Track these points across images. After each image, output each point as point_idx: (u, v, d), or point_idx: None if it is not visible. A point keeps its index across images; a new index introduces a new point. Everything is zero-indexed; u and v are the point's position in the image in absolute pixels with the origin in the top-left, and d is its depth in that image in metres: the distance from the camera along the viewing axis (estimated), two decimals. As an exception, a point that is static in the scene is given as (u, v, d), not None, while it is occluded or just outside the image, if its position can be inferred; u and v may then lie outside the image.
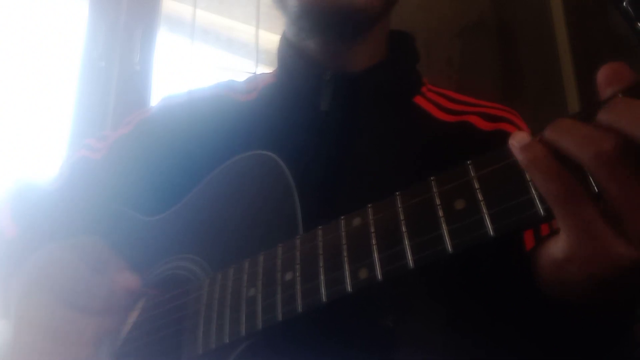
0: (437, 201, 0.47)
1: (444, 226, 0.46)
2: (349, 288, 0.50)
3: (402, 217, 0.49)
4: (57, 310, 0.61)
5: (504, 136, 0.77)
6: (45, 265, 0.65)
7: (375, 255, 0.49)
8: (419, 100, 0.83)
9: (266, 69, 1.59)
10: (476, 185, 0.45)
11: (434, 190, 0.48)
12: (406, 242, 0.48)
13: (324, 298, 0.52)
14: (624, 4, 0.36)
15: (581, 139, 0.38)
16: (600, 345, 0.53)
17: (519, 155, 0.42)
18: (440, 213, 0.46)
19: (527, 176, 0.42)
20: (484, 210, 0.44)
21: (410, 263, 0.47)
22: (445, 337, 0.63)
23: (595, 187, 0.39)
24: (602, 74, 0.40)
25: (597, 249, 0.40)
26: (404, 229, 0.48)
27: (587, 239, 0.40)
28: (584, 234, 0.40)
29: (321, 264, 0.53)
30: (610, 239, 0.39)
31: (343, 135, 0.77)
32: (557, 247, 0.44)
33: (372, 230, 0.50)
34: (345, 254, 0.52)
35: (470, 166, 0.46)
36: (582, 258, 0.42)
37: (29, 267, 0.66)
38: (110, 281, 0.63)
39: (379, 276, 0.49)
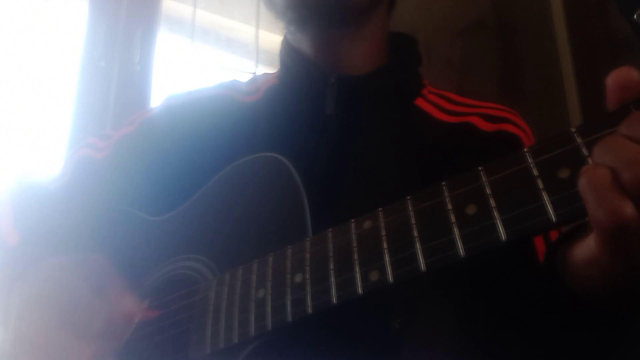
0: (449, 206, 0.47)
1: (455, 231, 0.46)
2: (359, 290, 0.51)
3: (413, 221, 0.49)
4: (55, 332, 0.60)
5: (506, 137, 0.78)
6: (47, 282, 0.64)
7: (387, 258, 0.50)
8: (420, 102, 0.84)
9: (266, 69, 1.59)
10: (488, 191, 0.46)
11: (445, 194, 0.48)
12: (418, 245, 0.48)
13: (334, 300, 0.52)
14: (635, 16, 0.36)
15: (632, 159, 0.37)
16: (607, 349, 0.54)
17: (580, 181, 0.39)
18: (452, 218, 0.47)
19: (539, 183, 0.43)
20: (496, 216, 0.44)
21: (422, 267, 0.47)
22: (453, 339, 0.64)
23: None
24: (613, 79, 0.40)
25: (625, 264, 0.40)
26: (415, 233, 0.49)
27: (620, 256, 0.40)
28: (619, 252, 0.40)
29: (332, 266, 0.53)
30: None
31: (346, 138, 0.77)
32: (585, 253, 0.44)
33: (383, 233, 0.51)
34: (356, 256, 0.52)
35: (481, 172, 0.47)
36: (608, 266, 0.41)
37: (30, 281, 0.65)
38: (110, 306, 0.62)
39: (390, 279, 0.49)
